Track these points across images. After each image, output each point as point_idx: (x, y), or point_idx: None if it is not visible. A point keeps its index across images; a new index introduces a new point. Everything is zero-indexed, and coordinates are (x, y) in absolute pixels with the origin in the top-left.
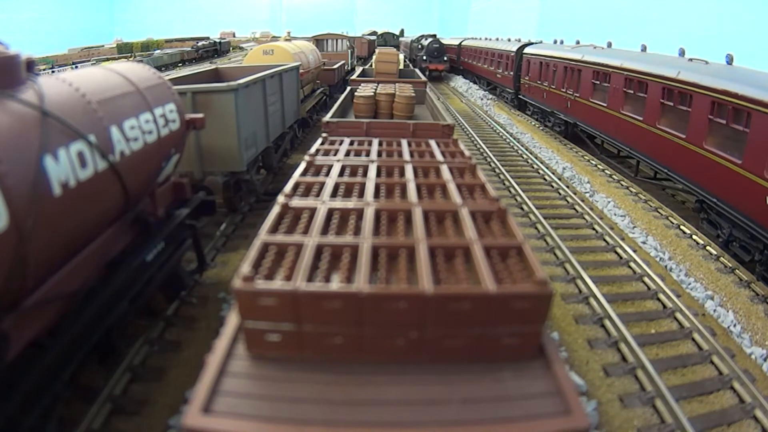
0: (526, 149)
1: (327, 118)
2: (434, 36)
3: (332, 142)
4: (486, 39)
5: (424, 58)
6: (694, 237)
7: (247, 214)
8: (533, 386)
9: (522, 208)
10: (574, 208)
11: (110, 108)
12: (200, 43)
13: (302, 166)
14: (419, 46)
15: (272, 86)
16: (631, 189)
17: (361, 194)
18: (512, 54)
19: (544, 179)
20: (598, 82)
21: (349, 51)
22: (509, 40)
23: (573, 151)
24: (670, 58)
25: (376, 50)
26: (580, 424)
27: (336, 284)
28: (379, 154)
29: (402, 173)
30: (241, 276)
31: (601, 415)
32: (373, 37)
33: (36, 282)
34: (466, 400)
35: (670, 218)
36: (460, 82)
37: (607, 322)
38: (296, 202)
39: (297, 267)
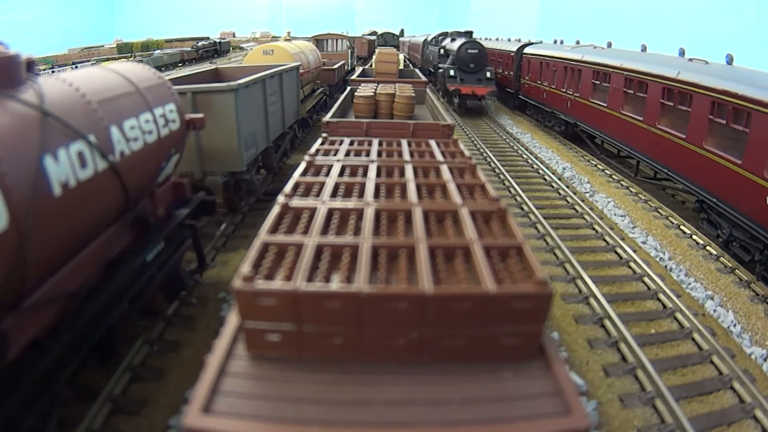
0: (526, 149)
1: (327, 118)
2: (469, 35)
3: (332, 142)
4: (486, 39)
5: (452, 73)
6: (694, 237)
7: (247, 214)
8: (533, 386)
9: (522, 208)
10: (574, 208)
11: (110, 108)
12: (200, 43)
13: (302, 166)
14: (440, 51)
15: (272, 86)
16: (631, 189)
17: (361, 194)
18: (512, 54)
19: (544, 179)
20: (598, 82)
21: (349, 51)
22: (509, 40)
23: (573, 151)
24: (670, 58)
25: (376, 50)
26: (580, 424)
27: (336, 284)
28: (379, 154)
29: (402, 173)
30: (241, 276)
31: (601, 415)
32: (373, 37)
33: (36, 282)
34: (466, 400)
35: (670, 218)
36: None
37: (607, 322)
38: (296, 202)
39: (297, 267)
